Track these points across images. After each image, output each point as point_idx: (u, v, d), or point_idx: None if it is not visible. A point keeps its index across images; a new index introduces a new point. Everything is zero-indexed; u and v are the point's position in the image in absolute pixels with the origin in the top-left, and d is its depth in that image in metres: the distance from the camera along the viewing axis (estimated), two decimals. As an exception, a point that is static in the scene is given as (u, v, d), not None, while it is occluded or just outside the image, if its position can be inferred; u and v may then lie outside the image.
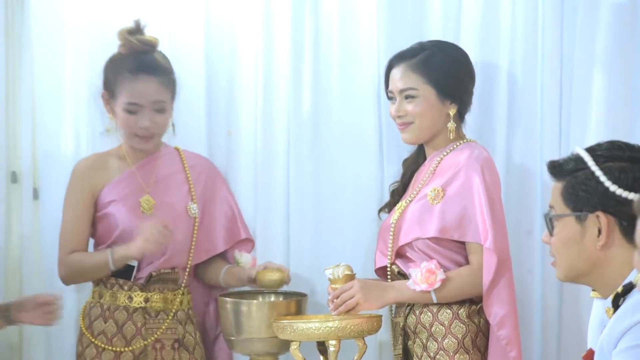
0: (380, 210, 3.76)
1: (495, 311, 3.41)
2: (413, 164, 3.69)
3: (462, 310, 3.45)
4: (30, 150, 3.99)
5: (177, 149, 3.82)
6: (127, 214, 3.65)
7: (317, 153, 3.98)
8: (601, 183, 2.34)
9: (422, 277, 3.41)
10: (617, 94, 3.77)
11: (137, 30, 3.67)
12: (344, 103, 3.97)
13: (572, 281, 2.43)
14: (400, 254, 3.53)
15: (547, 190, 3.64)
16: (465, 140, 3.59)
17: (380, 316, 3.46)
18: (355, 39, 3.96)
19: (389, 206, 3.70)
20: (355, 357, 3.45)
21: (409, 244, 3.50)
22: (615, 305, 2.31)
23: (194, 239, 3.75)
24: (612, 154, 2.37)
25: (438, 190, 3.48)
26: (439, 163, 3.55)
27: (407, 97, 3.54)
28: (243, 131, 4.01)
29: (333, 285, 3.47)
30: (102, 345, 3.64)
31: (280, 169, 3.96)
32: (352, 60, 3.97)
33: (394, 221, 3.54)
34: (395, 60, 3.59)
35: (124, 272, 3.65)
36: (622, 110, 3.77)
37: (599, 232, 2.34)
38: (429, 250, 3.47)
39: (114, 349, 3.64)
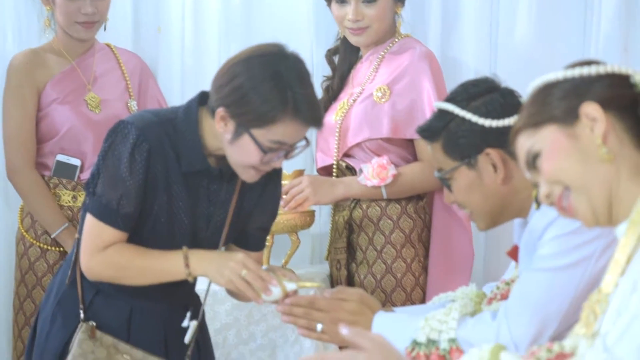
0: None
1: None
2: (347, 59, 3.59)
3: (410, 205, 3.45)
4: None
5: (108, 45, 3.72)
6: (73, 113, 3.53)
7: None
8: (475, 123, 2.33)
9: (373, 172, 3.39)
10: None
11: None
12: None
13: (494, 226, 2.40)
14: (346, 153, 3.49)
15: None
16: (402, 36, 3.53)
17: (314, 211, 3.46)
18: None
19: (324, 103, 3.58)
20: (289, 252, 3.47)
21: (358, 144, 3.45)
22: (538, 200, 2.26)
23: None
24: (469, 94, 2.36)
25: (384, 89, 3.43)
26: (380, 61, 3.49)
27: (365, 0, 3.43)
28: (173, 28, 3.95)
29: (282, 182, 3.47)
30: (46, 247, 3.54)
31: (211, 65, 3.88)
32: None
33: (339, 120, 3.48)
34: None
35: (66, 171, 3.53)
36: (548, 5, 3.78)
37: (494, 168, 2.33)
38: (379, 150, 3.43)
39: (60, 249, 3.54)
